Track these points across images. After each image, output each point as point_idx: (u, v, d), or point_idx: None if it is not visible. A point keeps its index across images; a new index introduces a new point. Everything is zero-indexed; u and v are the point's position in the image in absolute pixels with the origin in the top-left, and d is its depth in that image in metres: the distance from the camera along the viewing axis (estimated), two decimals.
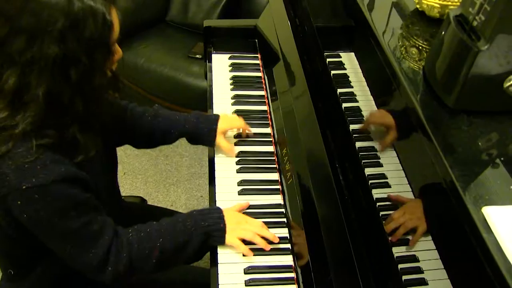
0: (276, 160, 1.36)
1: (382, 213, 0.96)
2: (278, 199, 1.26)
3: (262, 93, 1.57)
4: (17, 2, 0.84)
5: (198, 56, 2.40)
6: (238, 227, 1.13)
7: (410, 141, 0.95)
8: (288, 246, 1.15)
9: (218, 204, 1.24)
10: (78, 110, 0.92)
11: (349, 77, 1.24)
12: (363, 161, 1.05)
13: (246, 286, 1.07)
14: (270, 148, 1.39)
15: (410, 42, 1.04)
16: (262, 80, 1.62)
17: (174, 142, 1.36)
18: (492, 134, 0.82)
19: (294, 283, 1.08)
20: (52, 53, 0.84)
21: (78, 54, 0.87)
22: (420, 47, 1.01)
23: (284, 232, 1.18)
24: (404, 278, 0.88)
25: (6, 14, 0.85)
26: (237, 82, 1.60)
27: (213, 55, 1.71)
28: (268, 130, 1.45)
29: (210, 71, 1.65)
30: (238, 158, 1.35)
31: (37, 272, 1.09)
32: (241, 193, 1.27)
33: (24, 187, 0.89)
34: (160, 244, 1.05)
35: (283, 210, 1.23)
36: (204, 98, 1.59)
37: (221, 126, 1.34)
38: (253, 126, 1.44)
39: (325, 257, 1.00)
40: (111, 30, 0.92)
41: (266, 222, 1.19)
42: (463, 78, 0.80)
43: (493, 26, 0.76)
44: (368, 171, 1.03)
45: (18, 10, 0.84)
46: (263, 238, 1.13)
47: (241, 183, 1.29)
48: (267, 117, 1.48)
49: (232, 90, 1.57)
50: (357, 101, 1.17)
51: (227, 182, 1.30)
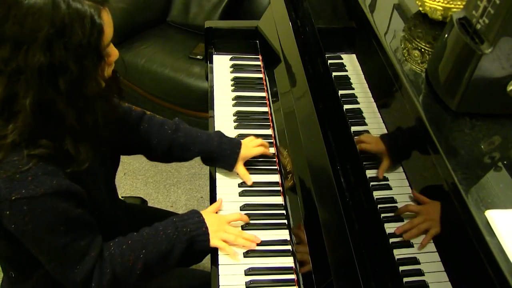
0: (277, 161, 1.35)
1: (383, 215, 0.96)
2: (279, 201, 1.26)
3: (263, 94, 1.57)
4: None
5: (199, 57, 2.40)
6: (220, 229, 1.12)
7: (412, 143, 0.95)
8: (289, 247, 1.15)
9: None
10: (71, 120, 0.89)
11: (350, 79, 1.24)
12: (364, 163, 1.05)
13: (246, 287, 1.07)
14: (271, 149, 1.39)
15: (412, 45, 1.04)
16: (263, 81, 1.62)
17: (191, 160, 1.31)
18: (495, 137, 0.82)
19: (294, 285, 1.08)
20: (38, 61, 0.81)
21: (66, 62, 0.83)
22: (422, 50, 1.01)
23: (285, 233, 1.18)
24: (405, 280, 0.88)
25: None
26: (238, 83, 1.60)
27: (214, 56, 1.71)
28: (269, 132, 1.45)
29: (211, 72, 1.65)
30: None
31: (37, 275, 1.09)
32: (241, 194, 1.27)
33: (13, 198, 0.87)
34: (143, 255, 1.04)
35: (284, 211, 1.23)
36: (205, 99, 1.59)
37: (243, 152, 1.29)
38: (253, 127, 1.44)
39: (326, 258, 1.00)
40: (101, 34, 0.86)
41: (267, 224, 1.20)
42: (466, 81, 0.80)
43: (496, 29, 0.75)
44: (369, 173, 1.03)
45: (1, 18, 0.80)
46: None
47: (241, 185, 1.29)
48: (268, 118, 1.48)
49: (233, 91, 1.57)
50: (358, 103, 1.17)
51: (228, 183, 1.30)
